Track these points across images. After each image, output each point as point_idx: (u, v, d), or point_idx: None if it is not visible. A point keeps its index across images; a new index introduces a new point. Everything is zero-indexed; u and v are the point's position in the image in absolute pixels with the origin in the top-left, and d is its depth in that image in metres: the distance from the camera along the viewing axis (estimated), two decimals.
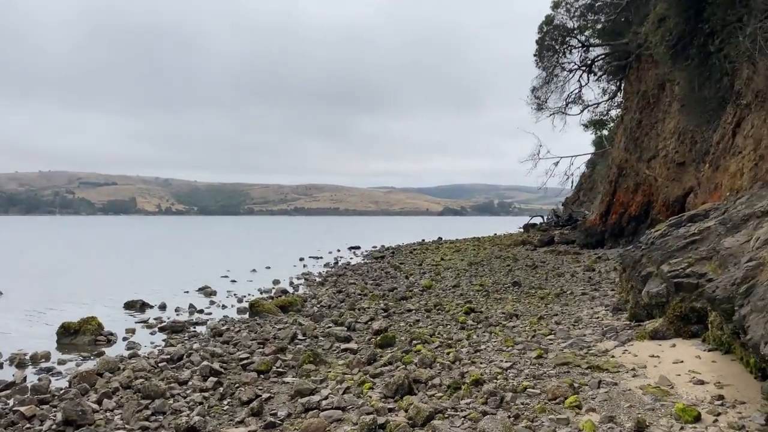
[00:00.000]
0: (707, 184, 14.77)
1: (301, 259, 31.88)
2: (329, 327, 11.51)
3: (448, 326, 11.01)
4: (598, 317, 10.95)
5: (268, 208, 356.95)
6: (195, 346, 10.32)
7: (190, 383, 8.00)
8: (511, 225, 60.50)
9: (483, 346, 9.07)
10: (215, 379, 8.04)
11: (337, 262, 30.06)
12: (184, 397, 7.44)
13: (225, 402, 7.28)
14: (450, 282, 17.51)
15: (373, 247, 41.44)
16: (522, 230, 43.41)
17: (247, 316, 14.15)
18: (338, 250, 39.20)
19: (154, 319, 14.26)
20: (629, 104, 26.52)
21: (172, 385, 7.87)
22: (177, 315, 14.98)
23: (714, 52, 14.64)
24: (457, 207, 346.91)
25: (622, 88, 30.06)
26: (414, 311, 12.92)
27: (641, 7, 23.28)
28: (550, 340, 9.27)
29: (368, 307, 13.57)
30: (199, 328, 12.92)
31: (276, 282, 21.33)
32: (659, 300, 9.01)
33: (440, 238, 47.09)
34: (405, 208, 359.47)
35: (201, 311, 15.49)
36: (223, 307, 16.36)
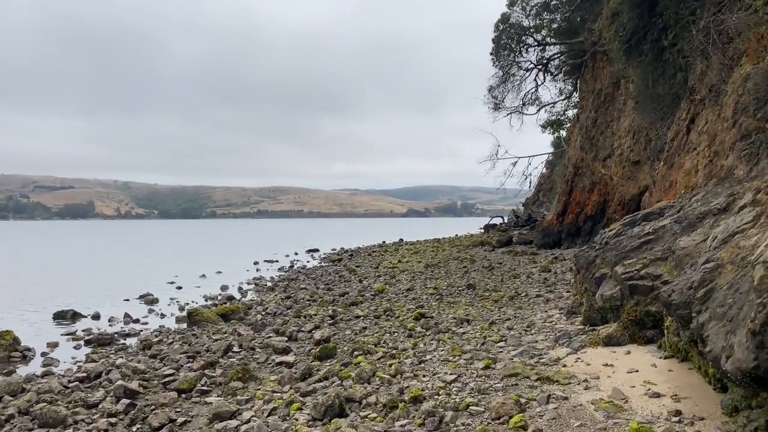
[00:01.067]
0: (662, 182, 14.47)
1: (255, 263, 30.82)
2: (269, 337, 10.74)
3: (396, 334, 10.35)
4: (551, 321, 10.43)
5: (231, 211, 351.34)
6: (119, 361, 9.45)
7: (100, 406, 7.15)
8: (472, 226, 60.27)
9: (429, 356, 8.43)
10: (129, 400, 7.19)
11: (292, 266, 29.12)
12: (89, 424, 6.60)
13: (134, 428, 6.46)
14: (404, 285, 16.85)
15: (332, 249, 40.57)
16: (482, 231, 43.12)
17: (185, 325, 13.23)
18: (296, 254, 38.17)
19: (83, 330, 13.19)
20: (585, 103, 26.35)
21: (78, 409, 7.00)
22: (110, 325, 13.97)
23: (668, 47, 14.34)
24: (420, 208, 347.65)
25: (577, 87, 29.94)
26: (362, 318, 12.24)
27: (595, 5, 23.08)
28: (500, 347, 8.69)
29: (315, 314, 12.81)
30: (130, 340, 11.98)
31: (224, 288, 20.36)
32: (613, 303, 8.51)
33: (401, 240, 46.52)
34: (369, 210, 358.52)
35: (137, 321, 14.51)
36: (162, 315, 15.37)
